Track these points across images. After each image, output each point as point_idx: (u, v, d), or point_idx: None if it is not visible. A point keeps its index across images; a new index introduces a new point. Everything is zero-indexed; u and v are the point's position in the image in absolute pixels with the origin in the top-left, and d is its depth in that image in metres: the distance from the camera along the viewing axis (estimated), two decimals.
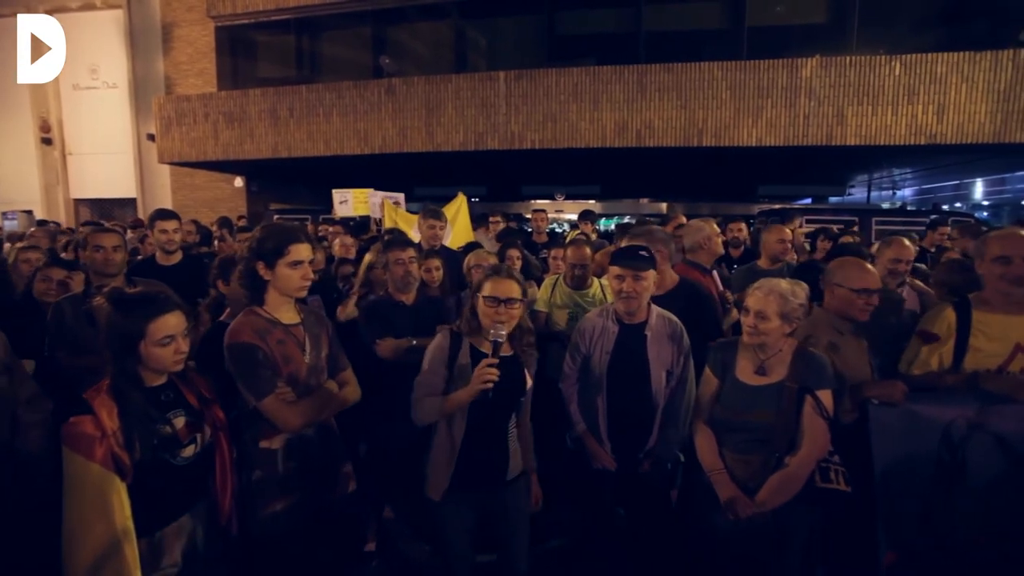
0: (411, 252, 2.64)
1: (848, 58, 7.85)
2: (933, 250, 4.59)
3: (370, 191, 6.38)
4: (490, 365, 1.74)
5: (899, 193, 16.22)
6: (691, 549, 2.09)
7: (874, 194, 15.76)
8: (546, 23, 9.73)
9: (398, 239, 2.79)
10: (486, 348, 1.84)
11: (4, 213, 11.00)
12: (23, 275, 3.21)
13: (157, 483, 1.50)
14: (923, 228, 5.64)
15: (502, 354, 1.85)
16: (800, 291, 1.87)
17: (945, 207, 13.48)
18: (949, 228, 5.03)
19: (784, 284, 1.88)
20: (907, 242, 2.84)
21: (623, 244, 2.55)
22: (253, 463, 1.77)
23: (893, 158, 10.17)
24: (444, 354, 1.89)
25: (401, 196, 6.54)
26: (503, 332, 1.79)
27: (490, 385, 1.73)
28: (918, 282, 2.89)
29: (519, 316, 1.89)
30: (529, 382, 1.96)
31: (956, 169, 11.99)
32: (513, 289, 1.85)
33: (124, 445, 1.42)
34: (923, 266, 3.60)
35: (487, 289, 1.86)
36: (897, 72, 7.68)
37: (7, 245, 4.46)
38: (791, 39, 8.84)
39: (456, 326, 1.96)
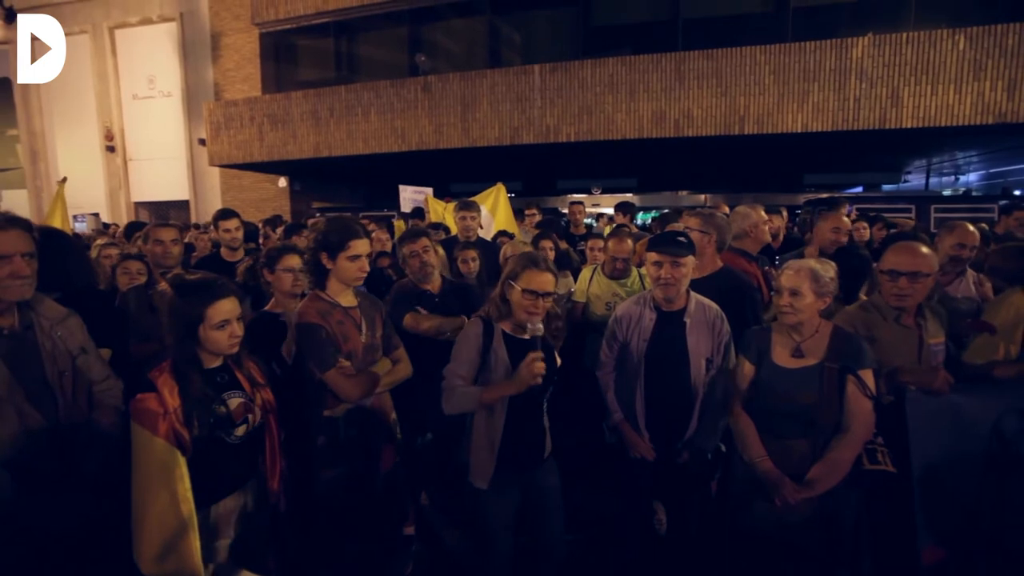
0: (424, 241, 2.68)
1: (904, 34, 7.37)
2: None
3: (402, 187, 6.43)
4: (535, 360, 1.74)
5: (963, 178, 15.07)
6: (733, 540, 2.04)
7: (934, 180, 14.72)
8: (581, 14, 9.60)
9: (410, 231, 2.83)
10: (522, 334, 1.86)
11: (74, 216, 11.86)
12: (105, 270, 3.48)
13: (213, 459, 1.60)
14: (991, 216, 5.23)
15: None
16: (829, 267, 1.90)
17: (1017, 192, 12.46)
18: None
19: (813, 262, 1.92)
20: (972, 227, 2.64)
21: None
22: (319, 430, 1.97)
23: (956, 140, 9.49)
24: (478, 342, 1.89)
25: (429, 190, 6.57)
26: (540, 325, 1.79)
27: (540, 381, 1.74)
28: (979, 275, 2.73)
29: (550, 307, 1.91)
30: (558, 361, 1.99)
31: None
32: (550, 282, 1.86)
33: (184, 422, 1.52)
34: None
35: (524, 281, 1.83)
36: (961, 47, 7.15)
37: (99, 240, 4.79)
38: (840, 18, 8.37)
39: (485, 312, 1.96)
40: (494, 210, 5.07)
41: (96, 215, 12.30)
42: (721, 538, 2.13)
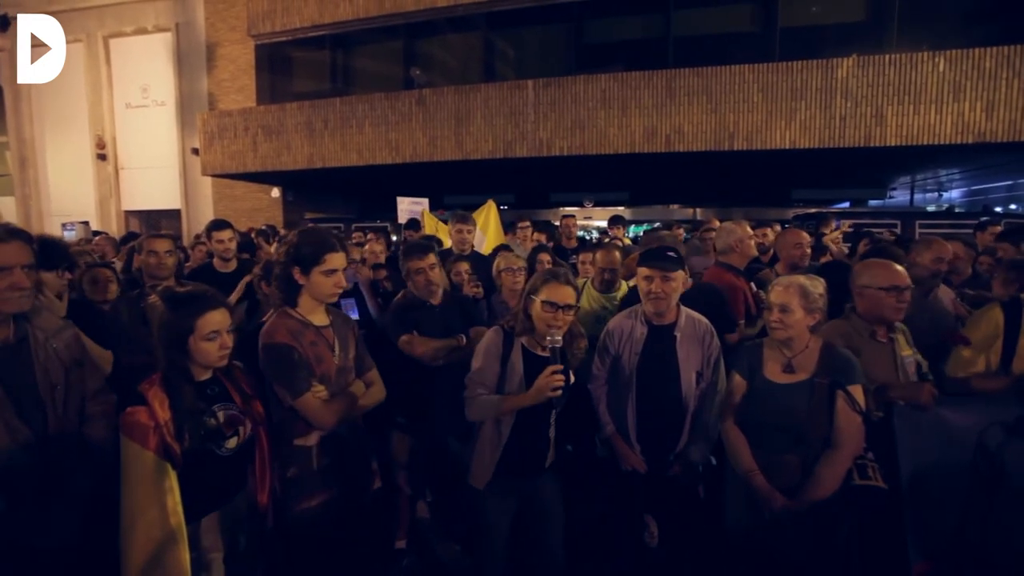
0: (431, 258, 2.56)
1: (887, 56, 7.59)
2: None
3: (400, 198, 6.50)
4: (555, 372, 1.74)
5: (946, 195, 15.43)
6: (724, 553, 2.05)
7: (918, 196, 15.06)
8: (574, 31, 9.78)
9: (417, 245, 2.70)
10: (539, 351, 1.89)
11: (64, 224, 11.73)
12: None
13: (203, 472, 1.58)
14: (971, 231, 5.38)
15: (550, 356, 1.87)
16: (818, 283, 1.93)
17: (998, 209, 12.76)
18: (1000, 227, 4.79)
19: (802, 278, 1.94)
20: (943, 240, 2.80)
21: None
22: (289, 460, 1.82)
23: (938, 158, 9.73)
24: (498, 351, 1.91)
25: (426, 201, 6.63)
26: (559, 338, 1.79)
27: (559, 393, 1.74)
28: (956, 300, 2.85)
29: (572, 321, 1.90)
30: (572, 379, 1.96)
31: (1009, 168, 11.36)
32: (571, 295, 1.87)
33: (175, 435, 1.51)
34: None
35: (545, 293, 1.85)
36: (941, 68, 7.37)
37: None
38: (826, 39, 8.61)
39: (507, 324, 1.98)
40: (485, 227, 5.14)
41: (86, 223, 12.16)
42: (712, 551, 2.13)
